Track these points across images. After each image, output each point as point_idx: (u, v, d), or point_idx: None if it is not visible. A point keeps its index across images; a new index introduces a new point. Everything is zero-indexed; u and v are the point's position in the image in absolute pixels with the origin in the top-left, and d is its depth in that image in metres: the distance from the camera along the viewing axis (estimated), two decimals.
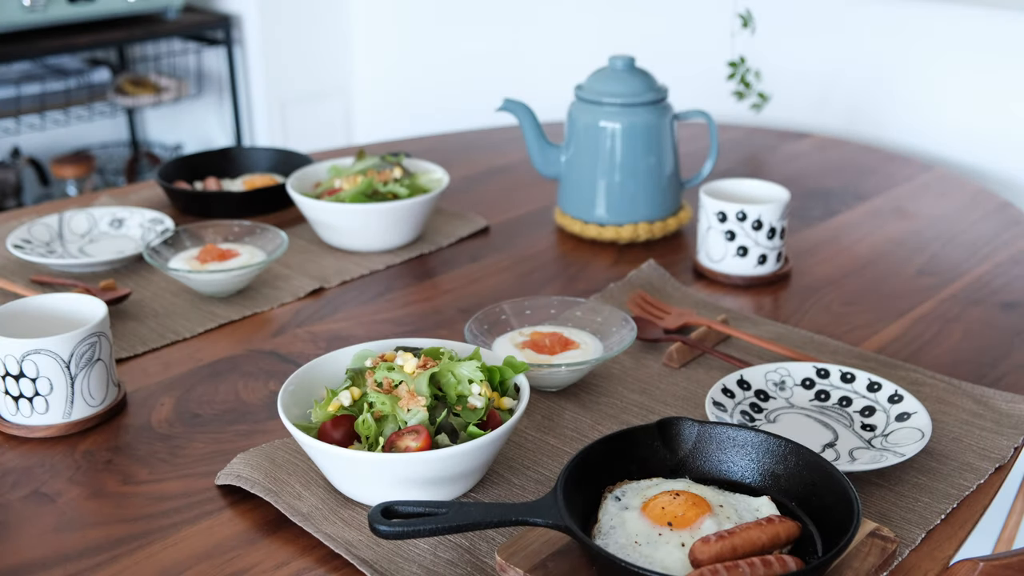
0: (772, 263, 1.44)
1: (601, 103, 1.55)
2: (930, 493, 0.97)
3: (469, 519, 0.81)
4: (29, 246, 1.47)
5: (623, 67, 1.57)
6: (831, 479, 0.87)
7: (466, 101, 2.87)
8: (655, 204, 1.58)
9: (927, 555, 0.90)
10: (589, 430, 1.08)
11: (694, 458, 0.94)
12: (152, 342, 1.27)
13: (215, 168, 1.78)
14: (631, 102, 1.54)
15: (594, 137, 1.56)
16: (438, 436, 0.93)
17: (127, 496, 0.99)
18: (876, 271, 1.48)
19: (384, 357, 1.01)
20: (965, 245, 1.56)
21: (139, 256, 1.45)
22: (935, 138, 2.06)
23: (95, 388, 1.08)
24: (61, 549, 0.91)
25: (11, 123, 2.99)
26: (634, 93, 1.54)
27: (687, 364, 1.21)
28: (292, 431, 0.93)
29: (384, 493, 0.92)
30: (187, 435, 1.08)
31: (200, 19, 3.09)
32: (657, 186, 1.57)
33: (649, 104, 1.55)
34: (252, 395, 1.16)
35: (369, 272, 1.47)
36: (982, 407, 1.11)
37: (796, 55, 2.21)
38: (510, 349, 1.15)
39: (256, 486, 0.96)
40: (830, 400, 1.11)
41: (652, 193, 1.57)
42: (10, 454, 1.05)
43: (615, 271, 1.48)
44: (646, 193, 1.57)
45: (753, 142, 2.08)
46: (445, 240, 1.57)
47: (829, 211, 1.71)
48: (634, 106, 1.54)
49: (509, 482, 0.99)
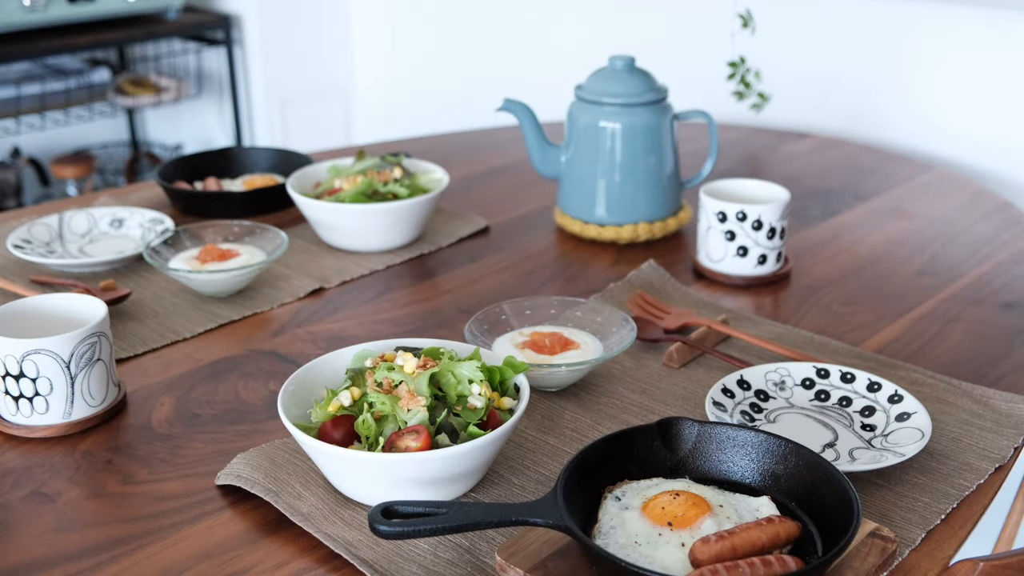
0: (772, 263, 1.44)
1: (601, 103, 1.55)
2: (930, 493, 0.97)
3: (469, 519, 0.81)
4: (29, 246, 1.47)
5: (623, 67, 1.57)
6: (831, 479, 0.87)
7: (466, 101, 2.87)
8: (655, 204, 1.57)
9: (927, 555, 0.90)
10: (589, 430, 1.08)
11: (694, 458, 0.94)
12: (152, 342, 1.27)
13: (215, 168, 1.78)
14: (631, 102, 1.54)
15: (594, 137, 1.56)
16: (438, 436, 0.93)
17: (127, 496, 0.99)
18: (876, 271, 1.48)
19: (384, 357, 1.01)
20: (965, 245, 1.56)
21: (139, 256, 1.45)
22: (935, 138, 2.06)
23: (95, 388, 1.08)
24: (61, 549, 0.91)
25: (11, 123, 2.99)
26: (634, 93, 1.54)
27: (687, 364, 1.21)
28: (292, 431, 0.93)
29: (384, 493, 0.92)
30: (187, 435, 1.08)
31: (200, 19, 3.09)
32: (657, 186, 1.57)
33: (649, 104, 1.55)
34: (252, 395, 1.16)
35: (369, 272, 1.47)
36: (982, 407, 1.11)
37: (796, 55, 2.21)
38: (510, 349, 1.15)
39: (256, 486, 0.96)
40: (830, 400, 1.11)
41: (652, 193, 1.57)
42: (10, 454, 1.05)
43: (615, 271, 1.48)
44: (646, 193, 1.56)
45: (753, 142, 2.08)
46: (445, 240, 1.57)
47: (829, 211, 1.71)
48: (634, 106, 1.54)
49: (509, 482, 0.99)
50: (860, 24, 2.12)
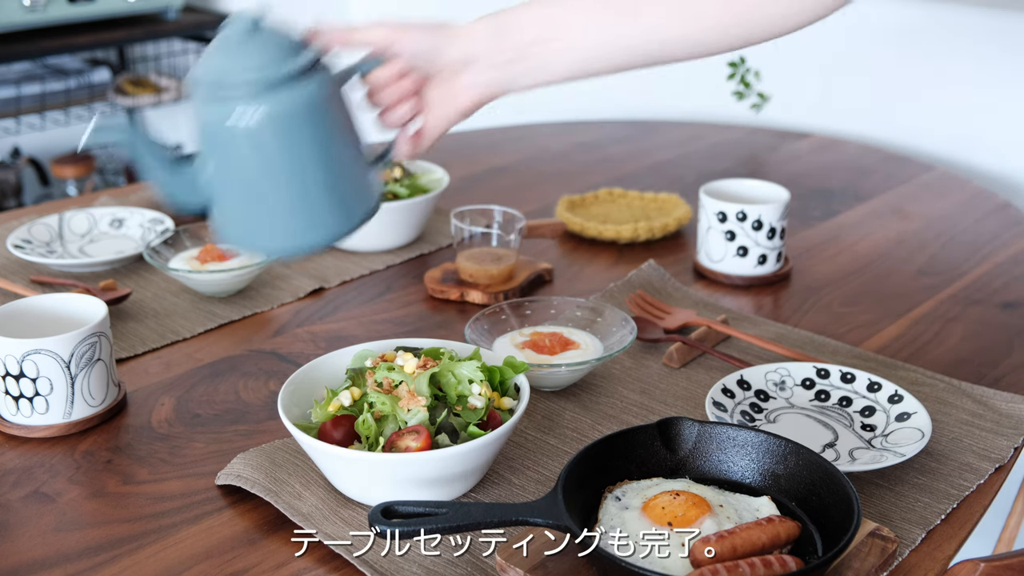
0: (772, 263, 1.44)
1: (221, 95, 0.95)
2: (930, 493, 0.97)
3: (469, 519, 0.81)
4: (29, 246, 1.46)
5: (244, 32, 0.96)
6: (831, 479, 0.87)
7: None
8: (340, 212, 0.99)
9: (927, 555, 0.90)
10: (589, 430, 1.08)
11: (694, 458, 0.94)
12: (152, 342, 1.27)
13: None
14: (266, 82, 0.94)
15: (226, 142, 0.97)
16: (438, 436, 0.93)
17: (127, 496, 0.99)
18: (876, 271, 1.48)
19: (384, 357, 1.01)
20: (965, 245, 1.56)
21: (139, 256, 1.45)
22: (935, 138, 2.06)
23: (95, 388, 1.08)
24: (61, 549, 0.91)
25: (11, 123, 2.99)
26: (262, 67, 0.94)
27: (687, 364, 1.21)
28: (292, 431, 0.93)
29: (384, 493, 0.92)
30: (187, 435, 1.08)
31: (200, 19, 3.09)
32: (335, 190, 0.99)
33: (292, 80, 0.94)
34: (252, 395, 1.16)
35: (369, 272, 1.47)
36: (982, 407, 1.11)
37: (796, 55, 2.21)
38: (510, 349, 1.15)
39: (256, 486, 0.96)
40: (830, 400, 1.11)
41: (334, 198, 0.99)
42: (10, 454, 1.05)
43: (615, 271, 1.48)
44: (324, 201, 0.98)
45: (753, 142, 2.08)
46: (445, 240, 1.57)
47: (829, 211, 1.71)
48: (274, 87, 0.94)
49: (509, 482, 0.99)
50: (860, 24, 2.12)
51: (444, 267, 1.43)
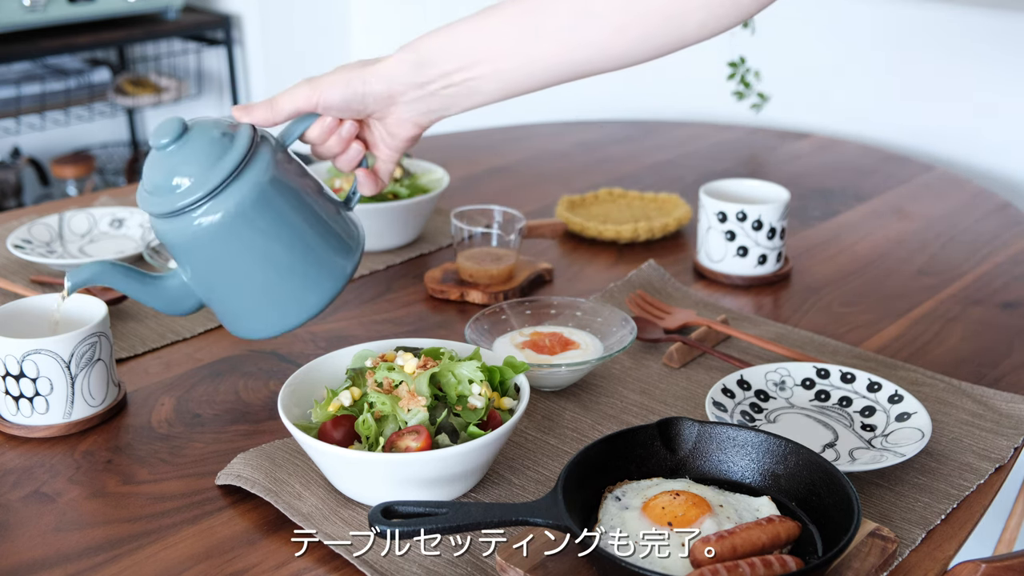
0: (772, 263, 1.44)
1: (170, 212, 0.98)
2: (930, 493, 0.97)
3: (469, 519, 0.81)
4: (29, 246, 1.46)
5: (171, 141, 0.98)
6: (831, 479, 0.87)
7: None
8: (333, 264, 1.05)
9: (927, 555, 0.90)
10: (589, 430, 1.08)
11: (694, 458, 0.94)
12: (152, 342, 1.27)
13: None
14: (210, 187, 0.97)
15: (198, 253, 1.01)
16: (438, 436, 0.93)
17: (127, 496, 0.99)
18: (876, 271, 1.48)
19: (384, 357, 1.01)
20: (965, 245, 1.56)
21: (139, 256, 1.45)
22: (935, 138, 2.06)
23: (95, 388, 1.08)
24: (61, 549, 0.91)
25: (11, 123, 2.99)
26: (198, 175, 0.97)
27: (687, 364, 1.21)
28: (292, 431, 0.93)
29: (384, 493, 0.92)
30: (187, 435, 1.08)
31: (200, 19, 3.09)
32: (309, 260, 1.02)
33: (231, 181, 0.97)
34: (252, 395, 1.16)
35: (369, 272, 1.47)
36: (982, 407, 1.11)
37: (796, 55, 2.21)
38: (510, 349, 1.15)
39: (256, 486, 0.96)
40: (830, 400, 1.11)
41: (307, 271, 1.03)
42: (10, 454, 1.05)
43: (615, 271, 1.48)
44: (318, 258, 1.03)
45: (753, 142, 2.08)
46: (445, 240, 1.57)
47: (829, 211, 1.71)
48: (218, 193, 0.97)
49: (509, 482, 0.99)
50: (860, 24, 2.13)
51: (444, 267, 1.43)
